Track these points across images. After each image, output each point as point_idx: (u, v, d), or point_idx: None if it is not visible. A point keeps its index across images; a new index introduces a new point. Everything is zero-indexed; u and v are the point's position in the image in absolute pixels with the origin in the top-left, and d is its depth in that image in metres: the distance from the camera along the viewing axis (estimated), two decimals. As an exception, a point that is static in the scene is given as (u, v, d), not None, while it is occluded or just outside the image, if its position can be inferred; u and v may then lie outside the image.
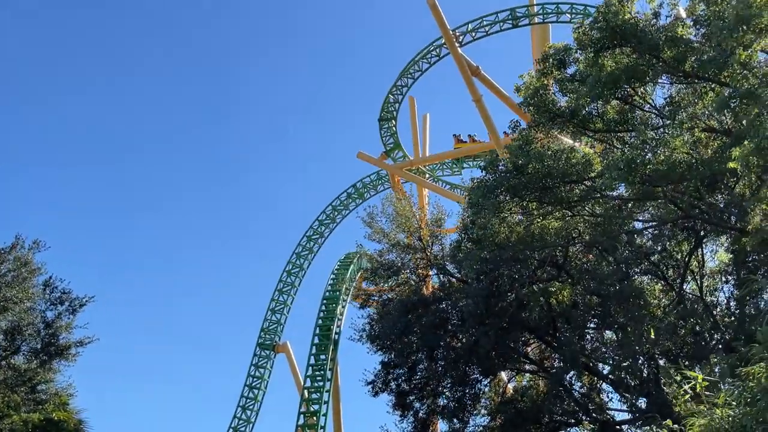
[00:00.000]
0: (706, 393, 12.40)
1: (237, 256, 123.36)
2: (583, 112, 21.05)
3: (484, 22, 52.42)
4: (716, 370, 18.73)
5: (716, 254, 32.72)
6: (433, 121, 63.54)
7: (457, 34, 51.42)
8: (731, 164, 15.20)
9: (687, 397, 13.47)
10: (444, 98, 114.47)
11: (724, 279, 32.02)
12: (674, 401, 15.74)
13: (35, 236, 32.98)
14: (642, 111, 21.69)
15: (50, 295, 32.23)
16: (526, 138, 21.67)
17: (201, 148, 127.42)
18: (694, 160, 18.53)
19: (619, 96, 21.51)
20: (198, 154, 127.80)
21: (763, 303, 29.86)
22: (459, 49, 50.82)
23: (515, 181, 20.88)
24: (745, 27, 14.63)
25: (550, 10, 51.50)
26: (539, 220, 23.17)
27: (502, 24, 52.46)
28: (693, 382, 12.24)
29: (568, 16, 50.16)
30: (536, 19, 51.61)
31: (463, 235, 24.21)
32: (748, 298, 29.66)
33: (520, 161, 20.59)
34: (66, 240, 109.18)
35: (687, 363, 26.09)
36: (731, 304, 31.10)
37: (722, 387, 13.30)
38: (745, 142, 14.32)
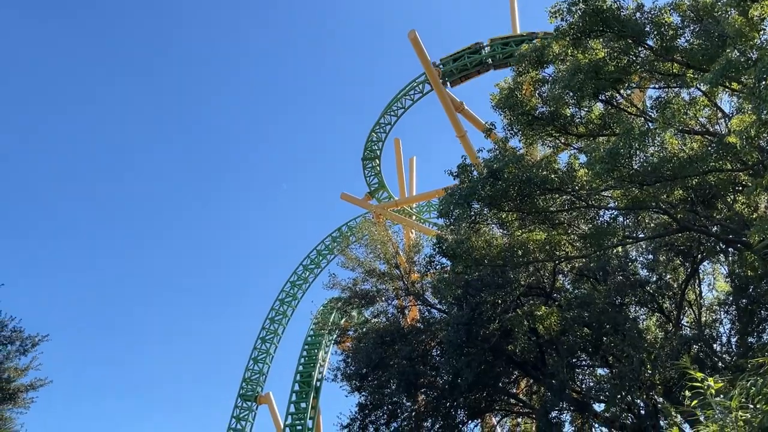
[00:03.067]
0: (718, 400, 10.15)
1: (220, 303, 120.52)
2: (567, 112, 19.26)
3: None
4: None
5: (714, 285, 30.95)
6: (419, 160, 62.19)
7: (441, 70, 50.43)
8: (730, 139, 13.37)
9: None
10: (430, 137, 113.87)
11: (724, 310, 30.05)
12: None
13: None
14: (627, 113, 19.91)
15: (-1, 334, 29.80)
16: (503, 143, 19.83)
17: (183, 199, 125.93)
18: (686, 155, 16.70)
19: (602, 97, 19.83)
20: (179, 204, 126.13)
21: (766, 334, 27.89)
22: (442, 85, 49.76)
23: (491, 189, 18.91)
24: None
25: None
26: (519, 233, 21.15)
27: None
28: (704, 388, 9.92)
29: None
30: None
31: (436, 248, 22.21)
32: (749, 328, 27.71)
33: (495, 166, 18.68)
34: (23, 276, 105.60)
35: (687, 394, 23.92)
36: (732, 340, 29.07)
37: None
38: (746, 114, 12.56)
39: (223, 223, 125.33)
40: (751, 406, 9.14)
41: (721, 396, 10.53)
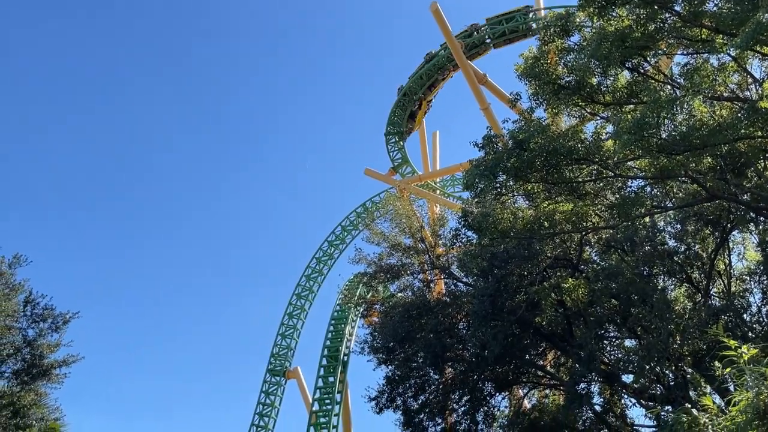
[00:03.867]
0: (752, 367, 10.02)
1: (246, 280, 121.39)
2: (593, 81, 18.94)
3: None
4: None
5: (744, 254, 30.50)
6: (442, 135, 61.97)
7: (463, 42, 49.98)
8: (762, 104, 13.09)
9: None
10: (453, 111, 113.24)
11: (754, 280, 29.62)
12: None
13: (16, 249, 31.21)
14: (655, 81, 19.55)
15: (32, 312, 30.31)
16: (528, 113, 19.59)
17: (209, 179, 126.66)
18: (715, 123, 16.38)
19: (629, 65, 19.49)
20: (205, 183, 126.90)
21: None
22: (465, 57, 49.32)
23: (516, 160, 18.74)
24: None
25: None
26: (546, 205, 20.95)
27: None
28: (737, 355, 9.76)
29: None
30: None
31: (462, 221, 22.09)
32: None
33: (521, 136, 18.48)
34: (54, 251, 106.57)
35: (717, 365, 23.54)
36: (762, 309, 28.69)
37: None
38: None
39: (248, 201, 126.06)
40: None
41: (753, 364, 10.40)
